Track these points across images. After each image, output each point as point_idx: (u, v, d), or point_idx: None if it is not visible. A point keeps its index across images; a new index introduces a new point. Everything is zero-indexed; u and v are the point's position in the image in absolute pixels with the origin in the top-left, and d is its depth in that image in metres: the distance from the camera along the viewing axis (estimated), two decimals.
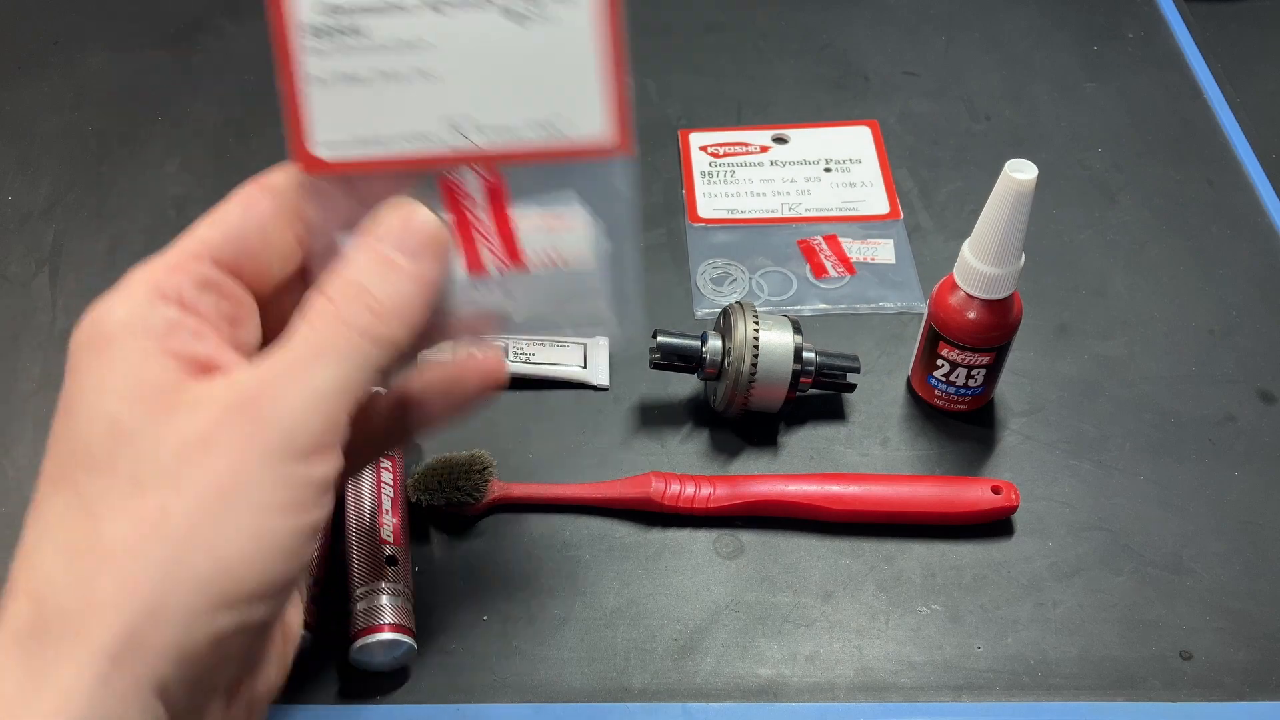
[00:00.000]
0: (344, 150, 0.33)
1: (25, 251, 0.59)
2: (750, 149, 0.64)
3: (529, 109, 0.33)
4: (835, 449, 0.51)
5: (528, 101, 0.33)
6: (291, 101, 0.32)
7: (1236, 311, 0.57)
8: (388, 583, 0.43)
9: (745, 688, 0.43)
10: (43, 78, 0.68)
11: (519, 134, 0.33)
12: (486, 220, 0.34)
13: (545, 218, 0.34)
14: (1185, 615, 0.45)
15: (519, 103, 0.33)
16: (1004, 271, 0.46)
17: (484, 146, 0.33)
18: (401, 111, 0.33)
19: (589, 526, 0.48)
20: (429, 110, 0.33)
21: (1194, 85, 0.69)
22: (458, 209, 0.34)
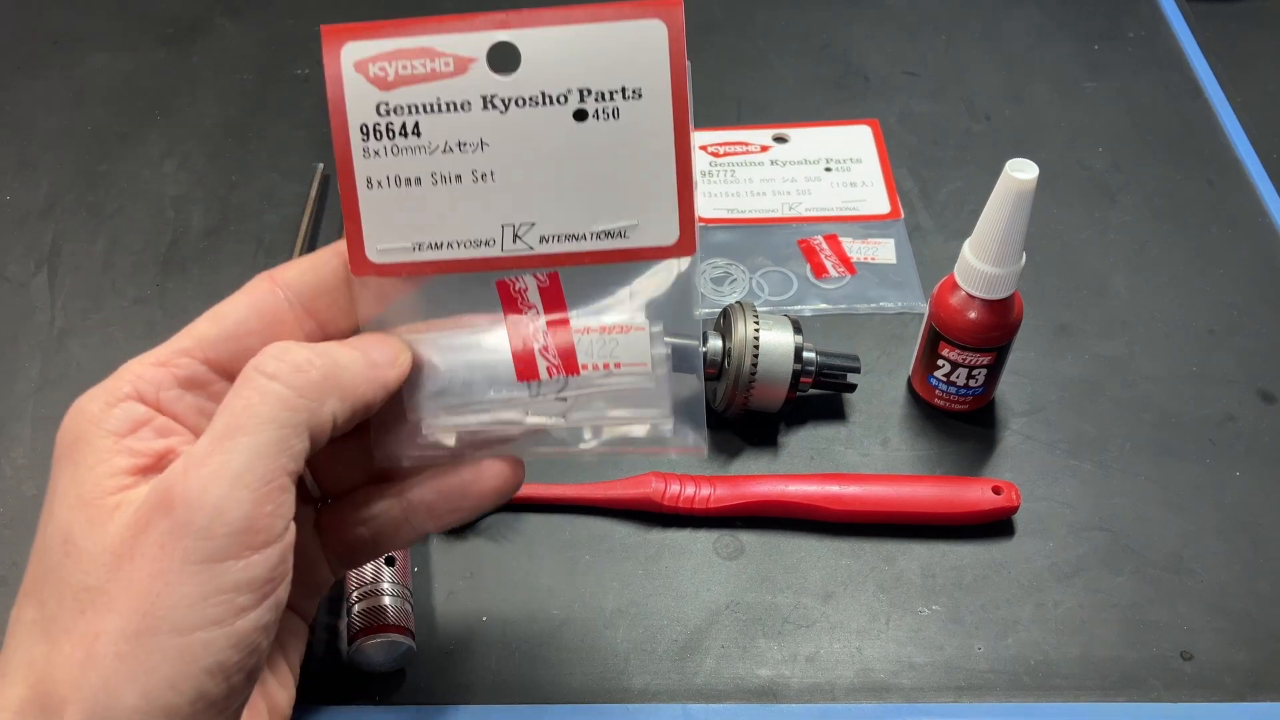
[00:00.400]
0: (392, 255, 0.32)
1: (24, 251, 0.59)
2: (750, 149, 0.64)
3: (595, 210, 0.32)
4: (835, 449, 0.51)
5: (594, 201, 0.32)
6: (351, 211, 0.31)
7: (1236, 311, 0.57)
8: (387, 583, 0.43)
9: (745, 688, 0.43)
10: (43, 78, 0.68)
11: (584, 238, 0.32)
12: (542, 326, 0.32)
13: (604, 324, 0.32)
14: (1186, 615, 0.45)
15: (583, 209, 0.32)
16: (1004, 271, 0.46)
17: (542, 249, 0.32)
18: (458, 213, 0.31)
19: (589, 526, 0.48)
20: (488, 215, 0.32)
21: (1194, 85, 0.69)
22: (512, 306, 0.32)
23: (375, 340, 0.32)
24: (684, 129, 0.31)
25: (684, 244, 0.32)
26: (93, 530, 0.28)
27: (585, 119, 0.31)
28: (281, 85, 0.67)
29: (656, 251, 0.32)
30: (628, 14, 0.30)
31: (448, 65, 0.30)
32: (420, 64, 0.30)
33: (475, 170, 0.31)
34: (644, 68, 0.31)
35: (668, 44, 0.31)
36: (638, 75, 0.31)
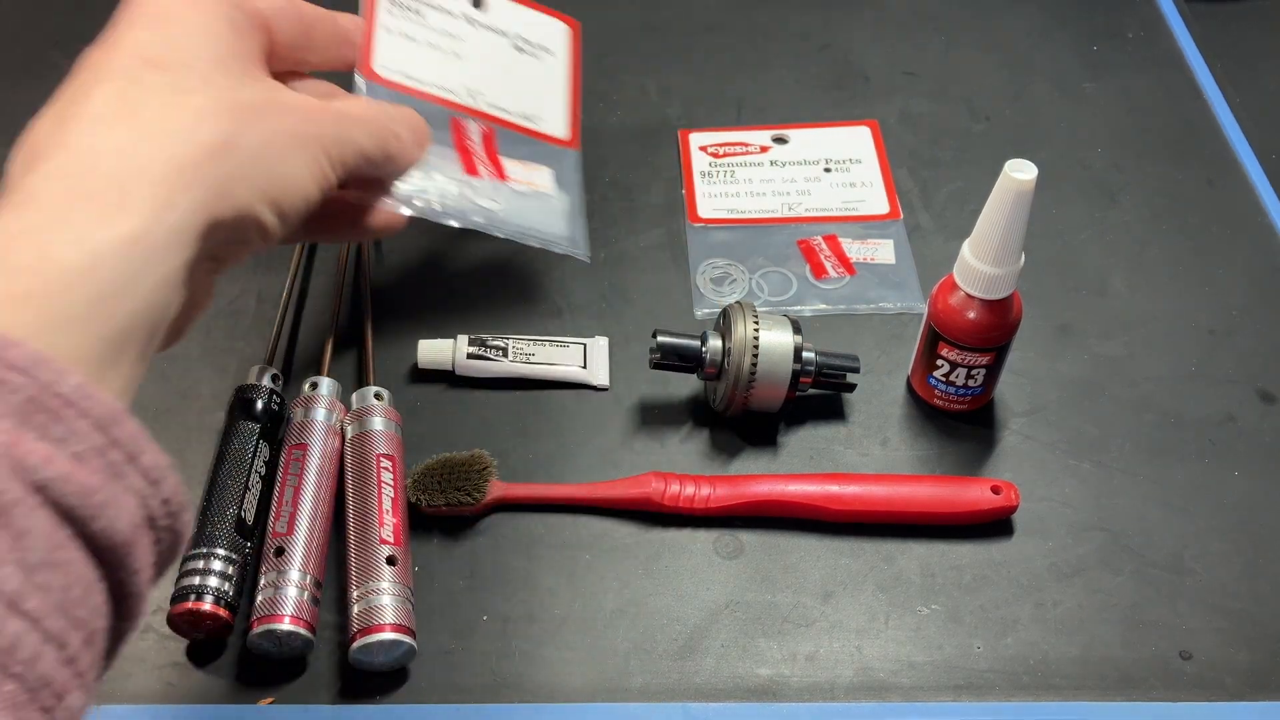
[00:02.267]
0: (391, 75, 0.46)
1: None
2: (750, 149, 0.64)
3: (520, 103, 0.51)
4: (835, 449, 0.51)
5: (520, 99, 0.51)
6: (367, 37, 0.45)
7: (1236, 311, 0.57)
8: (388, 583, 0.43)
9: (745, 687, 0.43)
10: (43, 78, 0.68)
11: (510, 115, 0.50)
12: (481, 150, 0.48)
13: (523, 163, 0.50)
14: (1185, 615, 0.45)
15: (514, 97, 0.51)
16: (1004, 271, 0.46)
17: (486, 110, 0.49)
18: (436, 69, 0.48)
19: (589, 526, 0.48)
20: (454, 76, 0.48)
21: (1194, 85, 0.69)
22: (460, 138, 0.48)
23: None
24: (576, 79, 0.54)
25: (573, 141, 0.52)
26: (243, 62, 0.38)
27: (522, 53, 0.52)
28: None
29: (556, 140, 0.52)
30: (553, 15, 0.54)
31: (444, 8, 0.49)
32: None
33: (454, 50, 0.49)
34: (554, 39, 0.53)
35: (569, 36, 0.54)
36: (551, 42, 0.53)
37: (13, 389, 0.26)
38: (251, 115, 0.37)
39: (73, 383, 0.27)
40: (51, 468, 0.26)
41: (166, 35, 0.38)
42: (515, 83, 0.51)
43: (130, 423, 0.29)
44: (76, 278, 0.30)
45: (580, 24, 0.54)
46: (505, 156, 0.49)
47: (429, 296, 0.57)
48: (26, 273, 0.29)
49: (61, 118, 0.35)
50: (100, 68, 0.37)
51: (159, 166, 0.34)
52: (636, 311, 0.56)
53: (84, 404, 0.27)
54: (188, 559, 0.43)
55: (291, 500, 0.45)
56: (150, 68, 0.37)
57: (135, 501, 0.28)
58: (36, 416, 0.27)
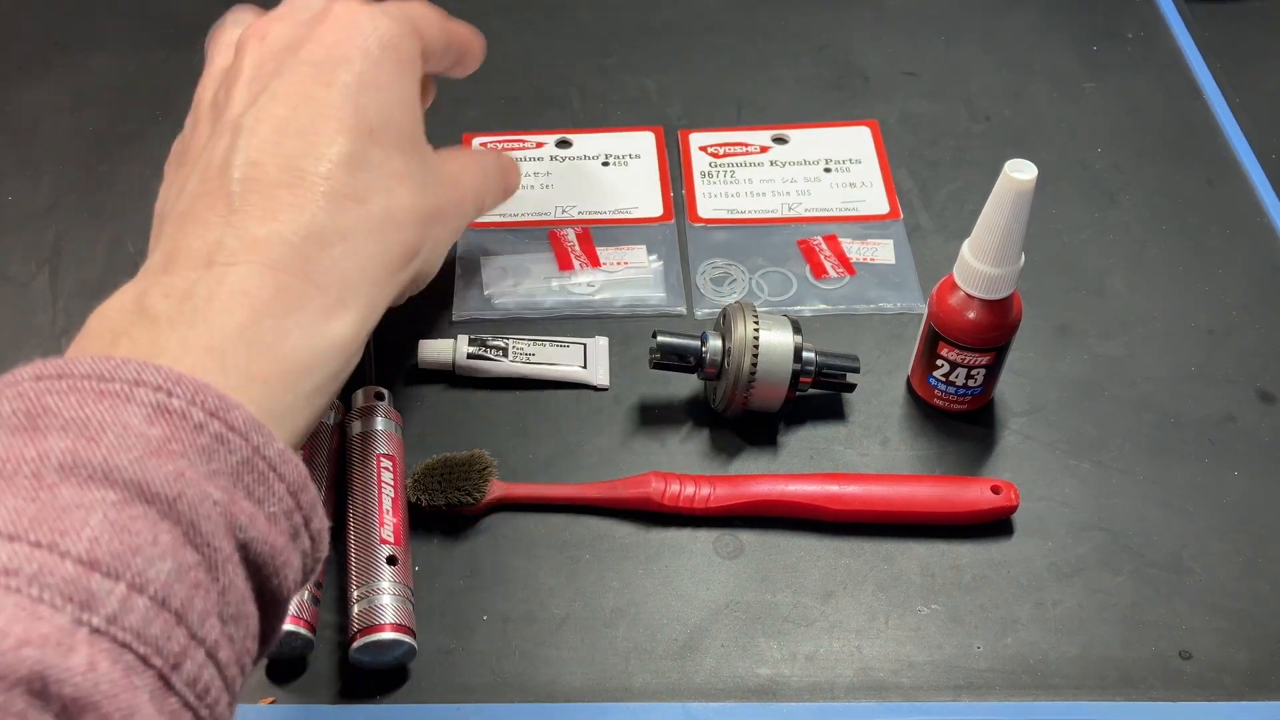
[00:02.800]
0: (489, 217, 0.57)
1: (26, 252, 0.59)
2: (750, 149, 0.64)
3: (613, 203, 0.61)
4: (835, 449, 0.51)
5: (613, 200, 0.61)
6: None
7: (1236, 311, 0.57)
8: (388, 583, 0.43)
9: (745, 687, 0.43)
10: (43, 78, 0.68)
11: (604, 214, 0.60)
12: (577, 247, 0.58)
13: (617, 247, 0.58)
14: (1185, 615, 0.46)
15: (607, 200, 0.61)
16: (1004, 271, 0.46)
17: (579, 217, 0.60)
18: (530, 202, 0.60)
19: (589, 526, 0.48)
20: (547, 201, 0.61)
21: (1194, 85, 0.69)
22: (557, 243, 0.58)
23: None
24: (664, 168, 0.63)
25: (665, 215, 0.61)
26: None
27: (609, 166, 0.63)
28: None
29: (649, 220, 0.60)
30: (635, 130, 0.65)
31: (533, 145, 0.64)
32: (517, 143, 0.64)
33: (545, 184, 0.62)
34: (641, 145, 0.64)
35: (654, 139, 0.65)
36: (639, 148, 0.64)
37: (231, 449, 0.29)
38: (435, 219, 0.42)
39: (278, 448, 0.30)
40: (254, 528, 0.29)
41: (383, 103, 0.40)
42: (606, 190, 0.61)
43: (312, 488, 0.32)
44: (303, 373, 0.34)
45: (663, 128, 0.65)
46: (601, 246, 0.58)
47: (429, 296, 0.57)
48: (265, 359, 0.33)
49: (298, 166, 0.37)
50: (331, 116, 0.39)
51: (374, 270, 0.38)
52: None
53: (283, 469, 0.30)
54: None
55: None
56: (374, 141, 0.39)
57: (300, 561, 0.31)
58: (247, 476, 0.30)
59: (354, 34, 0.40)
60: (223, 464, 0.29)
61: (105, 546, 0.26)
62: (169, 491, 0.27)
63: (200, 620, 0.27)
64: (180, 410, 0.29)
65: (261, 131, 0.37)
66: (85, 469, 0.27)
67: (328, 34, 0.40)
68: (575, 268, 0.57)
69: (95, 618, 0.25)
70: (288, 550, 0.30)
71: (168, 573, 0.26)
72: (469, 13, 0.73)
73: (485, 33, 0.72)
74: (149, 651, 0.25)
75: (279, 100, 0.38)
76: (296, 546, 0.31)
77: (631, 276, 0.57)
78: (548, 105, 0.67)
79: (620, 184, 0.62)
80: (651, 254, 0.58)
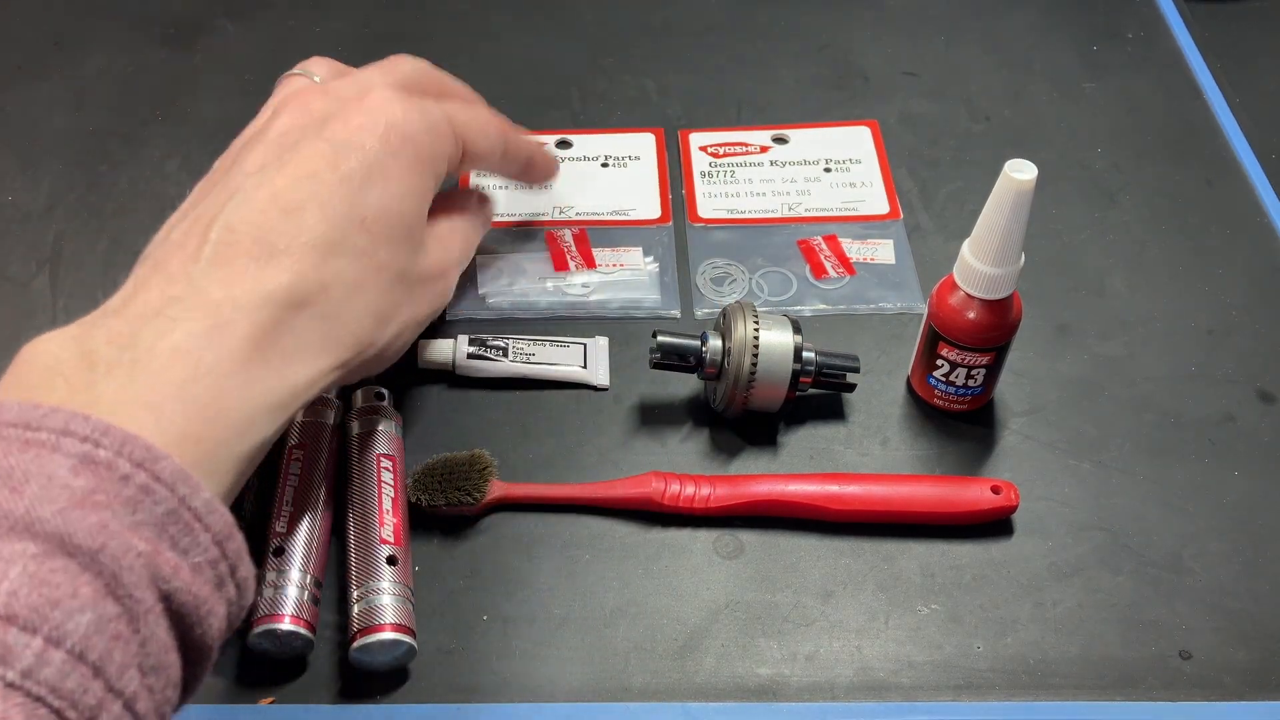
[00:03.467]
0: None
1: (26, 252, 0.59)
2: (750, 149, 0.64)
3: (611, 204, 0.61)
4: (835, 449, 0.51)
5: (611, 200, 0.61)
6: None
7: (1236, 311, 0.57)
8: (388, 583, 0.43)
9: (745, 687, 0.43)
10: (43, 78, 0.68)
11: (602, 215, 0.60)
12: (574, 248, 0.58)
13: (613, 249, 0.58)
14: (1185, 615, 0.46)
15: (604, 201, 0.61)
16: (1004, 271, 0.46)
17: (576, 218, 0.60)
18: (528, 203, 0.60)
19: (589, 526, 0.48)
20: (545, 202, 0.61)
21: (1194, 85, 0.69)
22: (553, 243, 0.58)
23: None
24: (664, 169, 0.63)
25: (663, 217, 0.60)
26: None
27: (608, 167, 0.63)
28: None
29: (647, 222, 0.60)
30: (636, 131, 0.65)
31: None
32: None
33: (544, 185, 0.60)
34: (641, 147, 0.64)
35: (654, 141, 0.64)
36: (639, 149, 0.64)
37: (157, 500, 0.30)
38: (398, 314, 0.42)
39: (204, 498, 0.31)
40: (178, 578, 0.30)
41: (386, 195, 0.41)
42: (604, 191, 0.61)
43: (239, 537, 0.32)
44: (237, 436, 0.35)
45: (663, 128, 0.65)
46: (597, 247, 0.58)
47: None
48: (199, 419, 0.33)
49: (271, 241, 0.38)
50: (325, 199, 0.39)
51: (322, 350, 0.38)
52: None
53: (209, 519, 0.31)
54: None
55: (291, 500, 0.45)
56: (364, 230, 0.40)
57: (225, 610, 0.32)
58: (172, 527, 0.30)
59: (379, 123, 0.41)
60: (148, 515, 0.29)
61: (23, 600, 0.26)
62: (92, 543, 0.28)
63: (119, 672, 0.27)
64: (107, 461, 0.29)
65: (254, 200, 0.38)
66: (7, 520, 0.27)
67: (355, 117, 0.41)
68: (571, 268, 0.57)
69: (10, 672, 0.25)
70: (212, 599, 0.31)
71: (87, 625, 0.27)
72: (469, 12, 0.73)
73: (485, 33, 0.72)
74: (64, 705, 0.26)
75: (284, 172, 0.39)
76: (222, 595, 0.31)
77: (627, 278, 0.57)
78: (548, 105, 0.67)
79: (619, 186, 0.62)
80: (648, 256, 0.58)
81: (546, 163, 0.55)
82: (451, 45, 0.71)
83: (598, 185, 0.62)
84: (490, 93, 0.67)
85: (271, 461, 0.47)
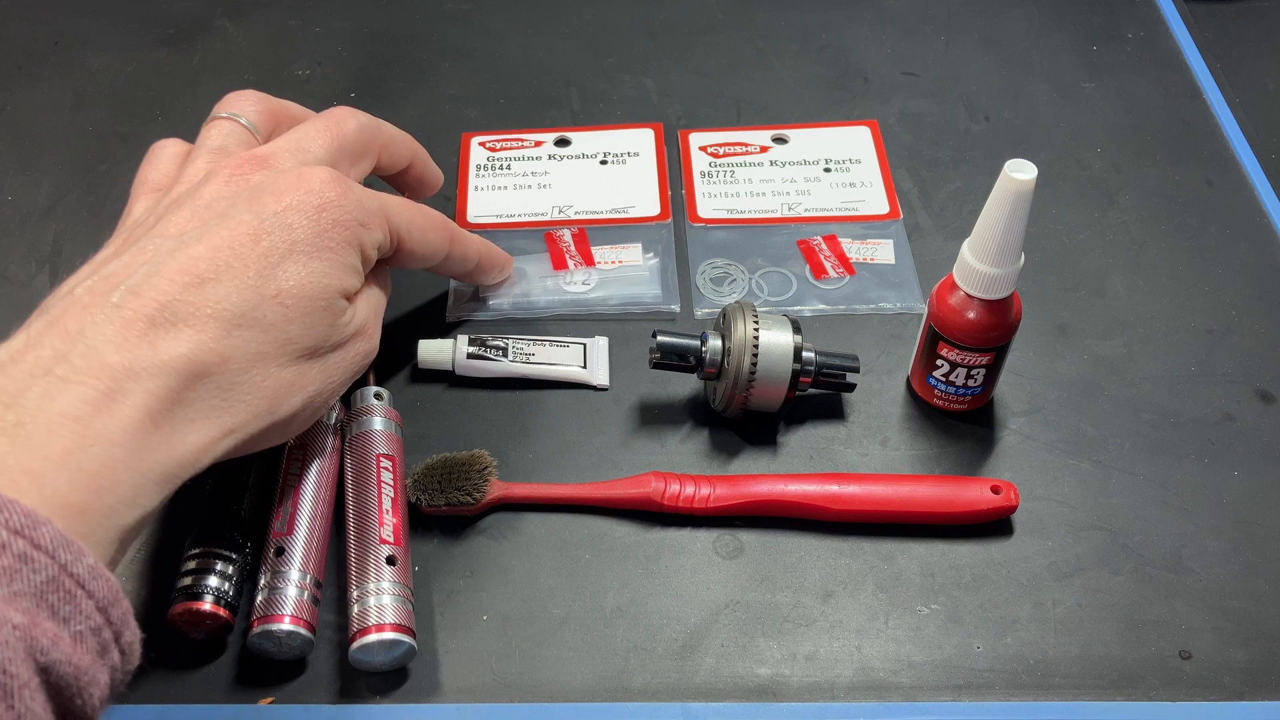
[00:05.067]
0: (482, 219, 0.60)
1: (25, 251, 0.59)
2: (750, 149, 0.64)
3: (610, 202, 0.61)
4: (835, 449, 0.51)
5: (610, 198, 0.61)
6: (461, 199, 0.61)
7: (1235, 311, 0.57)
8: (388, 583, 0.43)
9: (745, 687, 0.43)
10: (43, 78, 0.68)
11: (601, 214, 0.60)
12: (573, 247, 0.58)
13: (613, 246, 0.59)
14: (1185, 615, 0.46)
15: (604, 199, 0.61)
16: (1003, 271, 0.46)
17: (575, 217, 0.60)
18: (526, 203, 0.61)
19: (589, 526, 0.48)
20: (543, 201, 0.61)
21: (1194, 85, 0.69)
22: (552, 244, 0.58)
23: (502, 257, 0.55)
24: (663, 165, 0.63)
25: (662, 214, 0.60)
26: None
27: (607, 164, 0.63)
28: (282, 86, 0.67)
29: (646, 219, 0.60)
30: (635, 126, 0.65)
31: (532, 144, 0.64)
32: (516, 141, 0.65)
33: (542, 183, 0.62)
34: (640, 143, 0.64)
35: (654, 136, 0.65)
36: (638, 145, 0.64)
37: (36, 568, 0.29)
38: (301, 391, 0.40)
39: (87, 564, 0.30)
40: (58, 649, 0.29)
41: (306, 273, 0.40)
42: (604, 189, 0.61)
43: (124, 602, 0.31)
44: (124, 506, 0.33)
45: (663, 124, 0.65)
46: (596, 245, 0.58)
47: (429, 296, 0.57)
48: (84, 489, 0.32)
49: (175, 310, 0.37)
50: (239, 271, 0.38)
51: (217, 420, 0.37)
52: None
53: (92, 585, 0.30)
54: (187, 559, 0.43)
55: (291, 500, 0.45)
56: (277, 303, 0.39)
57: (108, 677, 0.31)
58: (52, 595, 0.29)
59: (310, 204, 0.40)
60: (26, 584, 0.28)
61: None
62: None
63: None
64: None
65: (166, 267, 0.37)
66: None
67: (288, 194, 0.40)
68: (570, 268, 0.57)
69: None
70: (94, 668, 0.30)
71: None
72: (471, 12, 0.73)
73: (485, 33, 0.72)
74: None
75: (205, 242, 0.38)
76: (105, 663, 0.31)
77: (627, 274, 0.57)
78: (547, 105, 0.67)
79: (618, 183, 0.62)
80: (647, 252, 0.58)
81: (495, 263, 0.54)
82: (451, 45, 0.71)
83: (596, 184, 0.62)
84: (490, 93, 0.68)
85: (271, 461, 0.47)
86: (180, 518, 0.46)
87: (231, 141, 0.45)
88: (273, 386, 0.39)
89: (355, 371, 0.44)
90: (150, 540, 0.47)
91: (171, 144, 0.47)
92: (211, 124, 0.47)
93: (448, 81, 0.69)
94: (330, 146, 0.45)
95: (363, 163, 0.48)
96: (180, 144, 0.47)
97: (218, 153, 0.44)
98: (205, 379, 0.36)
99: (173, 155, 0.46)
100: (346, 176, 0.43)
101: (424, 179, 0.53)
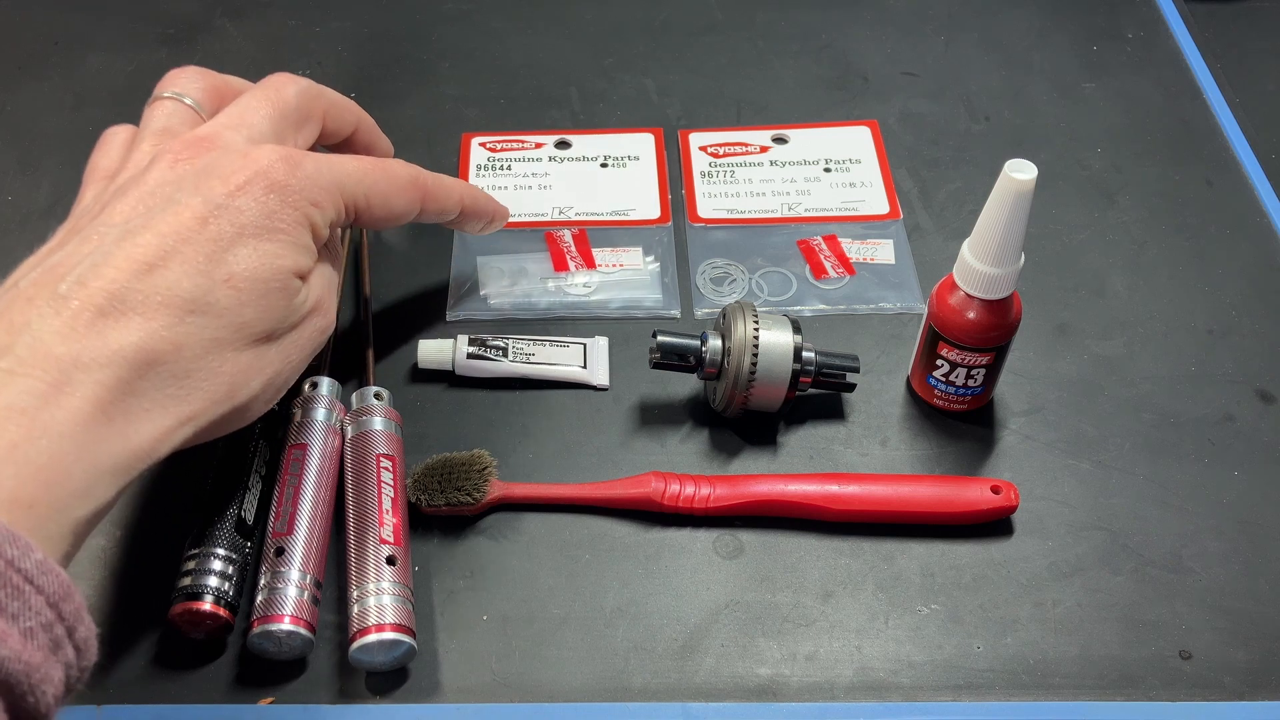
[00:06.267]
0: None
1: (25, 252, 0.58)
2: (750, 149, 0.64)
3: (611, 204, 0.61)
4: (835, 449, 0.51)
5: (610, 201, 0.61)
6: None
7: (1235, 311, 0.57)
8: (388, 583, 0.43)
9: (745, 687, 0.43)
10: (43, 78, 0.68)
11: (601, 216, 0.60)
12: (573, 249, 0.58)
13: (613, 249, 0.59)
14: (1185, 615, 0.46)
15: (604, 201, 0.61)
16: (1003, 271, 0.46)
17: (575, 219, 0.60)
18: (526, 203, 0.61)
19: (589, 526, 0.48)
20: (544, 203, 0.61)
21: (1193, 85, 0.69)
22: (553, 244, 0.58)
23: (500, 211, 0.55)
24: (663, 168, 0.63)
25: (663, 217, 0.61)
26: None
27: (608, 168, 0.63)
28: None
29: (646, 223, 0.60)
30: (636, 131, 0.65)
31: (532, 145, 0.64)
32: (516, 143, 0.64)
33: (543, 185, 0.62)
34: (641, 147, 0.64)
35: (654, 141, 0.65)
36: (638, 149, 0.64)
37: None
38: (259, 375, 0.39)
39: (36, 559, 0.29)
40: (5, 646, 0.28)
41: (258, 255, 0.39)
42: (604, 191, 0.61)
43: (77, 596, 0.31)
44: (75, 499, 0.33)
45: (663, 128, 0.65)
46: (597, 247, 0.58)
47: (429, 296, 0.57)
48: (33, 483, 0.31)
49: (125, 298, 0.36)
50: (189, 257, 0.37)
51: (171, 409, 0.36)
52: None
53: (41, 580, 0.29)
54: (187, 558, 0.43)
55: (291, 500, 0.45)
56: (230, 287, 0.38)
57: (62, 674, 0.30)
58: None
59: (258, 185, 0.39)
60: None
61: None
62: None
63: None
64: None
65: (113, 255, 0.36)
66: None
67: (235, 175, 0.39)
68: (571, 269, 0.57)
69: None
70: (46, 665, 0.29)
71: None
72: (471, 12, 0.73)
73: (485, 33, 0.72)
74: None
75: (152, 228, 0.37)
76: (58, 659, 0.30)
77: (628, 278, 0.57)
78: (548, 105, 0.67)
79: (618, 186, 0.62)
80: (648, 256, 0.58)
81: (481, 214, 0.52)
82: (451, 45, 0.71)
83: (597, 186, 0.62)
84: (490, 92, 0.68)
85: (272, 461, 0.47)
86: (180, 518, 0.46)
87: (175, 121, 0.44)
88: (230, 372, 0.38)
89: (313, 350, 0.42)
90: (150, 540, 0.47)
91: (123, 130, 0.46)
92: (154, 105, 0.45)
93: (448, 81, 0.69)
94: (272, 116, 0.44)
95: (307, 128, 0.46)
96: (132, 129, 0.46)
97: (162, 134, 0.43)
98: (158, 367, 0.35)
99: (123, 141, 0.45)
100: (293, 147, 0.42)
101: (371, 147, 0.52)
